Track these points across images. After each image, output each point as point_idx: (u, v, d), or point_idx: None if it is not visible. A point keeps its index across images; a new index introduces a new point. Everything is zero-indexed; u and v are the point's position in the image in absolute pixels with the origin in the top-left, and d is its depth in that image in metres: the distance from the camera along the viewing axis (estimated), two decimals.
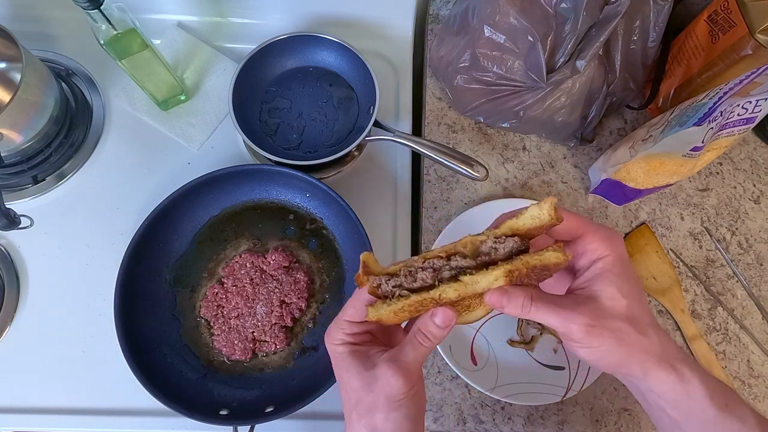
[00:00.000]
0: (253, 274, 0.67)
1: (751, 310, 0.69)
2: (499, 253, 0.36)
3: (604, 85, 0.67)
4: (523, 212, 0.37)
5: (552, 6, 0.61)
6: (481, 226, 0.71)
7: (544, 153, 0.74)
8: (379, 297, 0.38)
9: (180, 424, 0.63)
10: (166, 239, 0.67)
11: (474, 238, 0.37)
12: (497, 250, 0.36)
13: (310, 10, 0.78)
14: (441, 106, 0.76)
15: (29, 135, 0.68)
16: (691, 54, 0.66)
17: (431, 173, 0.73)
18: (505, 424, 0.64)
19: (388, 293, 0.37)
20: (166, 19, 0.79)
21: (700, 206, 0.72)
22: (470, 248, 0.37)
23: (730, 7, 0.59)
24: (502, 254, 0.36)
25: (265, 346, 0.65)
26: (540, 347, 0.65)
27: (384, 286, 0.37)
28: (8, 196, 0.71)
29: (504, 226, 0.37)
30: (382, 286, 0.37)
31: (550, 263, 0.35)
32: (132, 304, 0.62)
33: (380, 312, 0.36)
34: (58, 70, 0.76)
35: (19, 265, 0.69)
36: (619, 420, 0.64)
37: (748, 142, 0.75)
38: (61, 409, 0.65)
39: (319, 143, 0.72)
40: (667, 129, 0.56)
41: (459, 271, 0.36)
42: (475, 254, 0.37)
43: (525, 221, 0.37)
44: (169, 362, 0.63)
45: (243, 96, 0.70)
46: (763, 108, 0.51)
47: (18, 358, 0.67)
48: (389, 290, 0.37)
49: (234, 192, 0.70)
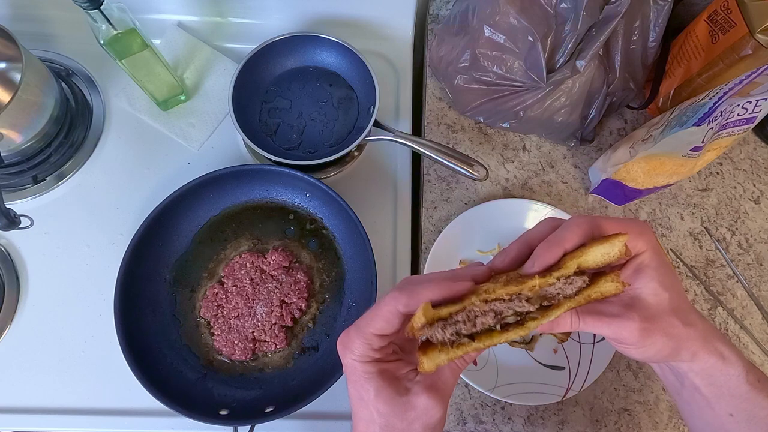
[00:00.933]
0: (253, 274, 0.67)
1: (751, 310, 0.69)
2: (565, 293, 0.35)
3: (604, 85, 0.67)
4: (591, 249, 0.35)
5: (552, 6, 0.61)
6: (482, 226, 0.71)
7: (544, 153, 0.74)
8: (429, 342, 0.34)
9: (180, 424, 0.63)
10: (166, 239, 0.67)
11: (542, 280, 0.34)
12: (564, 291, 0.35)
13: (310, 10, 0.78)
14: (441, 106, 0.76)
15: (29, 135, 0.68)
16: (691, 54, 0.66)
17: (431, 173, 0.73)
18: (505, 424, 0.64)
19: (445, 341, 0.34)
20: (166, 19, 0.79)
21: (700, 206, 0.72)
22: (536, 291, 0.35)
23: (730, 7, 0.59)
24: (567, 294, 0.35)
25: (265, 346, 0.65)
26: (540, 347, 0.65)
27: (439, 334, 0.33)
28: (8, 196, 0.71)
29: (570, 264, 0.35)
30: (436, 335, 0.34)
31: (609, 294, 0.35)
32: (132, 304, 0.62)
33: (438, 361, 0.34)
34: (58, 70, 0.76)
35: (19, 265, 0.69)
36: (619, 420, 0.64)
37: (748, 142, 0.75)
38: (61, 409, 0.65)
39: (319, 143, 0.72)
40: (667, 129, 0.56)
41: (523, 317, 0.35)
42: (539, 295, 0.35)
43: (595, 258, 0.35)
44: (169, 362, 0.63)
45: (243, 96, 0.70)
46: (763, 108, 0.51)
47: (18, 358, 0.67)
48: (446, 339, 0.34)
49: (234, 192, 0.70)
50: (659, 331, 0.36)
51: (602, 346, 0.64)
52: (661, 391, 0.65)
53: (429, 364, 0.34)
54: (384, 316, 0.35)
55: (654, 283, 0.37)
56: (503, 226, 0.68)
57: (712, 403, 0.39)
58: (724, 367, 0.38)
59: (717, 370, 0.38)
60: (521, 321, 0.35)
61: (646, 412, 0.64)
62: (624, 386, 0.65)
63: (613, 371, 0.66)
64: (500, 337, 0.34)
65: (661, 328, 0.37)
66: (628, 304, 0.37)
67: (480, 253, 0.68)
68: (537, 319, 0.34)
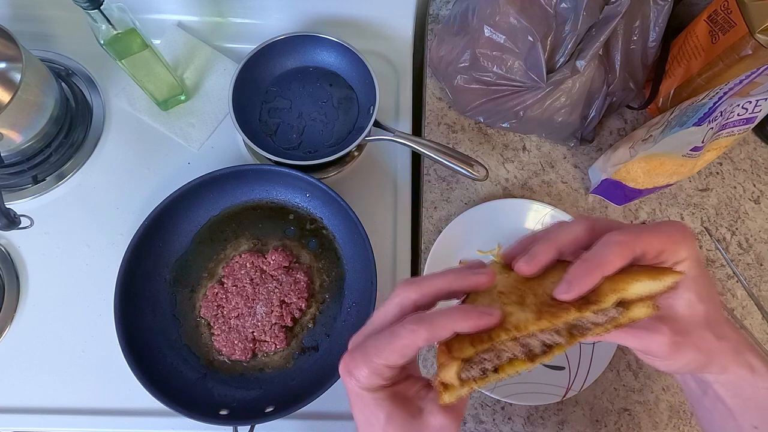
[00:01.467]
0: (253, 274, 0.67)
1: (751, 310, 0.69)
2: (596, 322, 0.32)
3: (604, 85, 0.67)
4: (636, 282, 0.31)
5: (552, 6, 0.61)
6: (482, 226, 0.71)
7: (544, 153, 0.74)
8: None
9: (180, 424, 0.63)
10: (166, 239, 0.67)
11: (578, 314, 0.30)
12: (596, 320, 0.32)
13: (310, 10, 0.78)
14: (441, 106, 0.76)
15: (29, 135, 0.68)
16: (691, 54, 0.66)
17: (431, 173, 0.73)
18: (505, 424, 0.64)
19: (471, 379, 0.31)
20: (166, 19, 0.79)
21: (700, 206, 0.72)
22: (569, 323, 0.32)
23: (730, 7, 0.59)
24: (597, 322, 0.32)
25: (265, 346, 0.65)
26: None
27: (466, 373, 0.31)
28: (8, 196, 0.71)
29: (609, 297, 0.31)
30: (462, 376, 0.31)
31: (638, 319, 0.32)
32: (132, 304, 0.62)
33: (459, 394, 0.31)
34: (58, 70, 0.76)
35: (19, 265, 0.69)
36: (619, 420, 0.64)
37: (748, 142, 0.75)
38: (61, 409, 0.65)
39: (319, 143, 0.72)
40: (667, 129, 0.56)
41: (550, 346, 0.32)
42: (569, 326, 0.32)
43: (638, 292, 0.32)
44: (169, 362, 0.63)
45: (243, 96, 0.70)
46: (763, 108, 0.51)
47: (18, 358, 0.67)
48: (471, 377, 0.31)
49: (234, 192, 0.70)
50: (690, 346, 0.34)
51: (602, 346, 0.64)
52: (661, 391, 0.65)
53: (450, 398, 0.31)
54: (400, 350, 0.31)
55: (690, 294, 0.34)
56: (503, 226, 0.68)
57: (735, 414, 0.38)
58: (753, 379, 0.36)
59: (745, 382, 0.37)
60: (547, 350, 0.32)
61: (646, 412, 0.64)
62: (624, 386, 0.65)
63: (613, 371, 0.66)
64: (524, 365, 0.31)
65: (692, 342, 0.34)
66: (658, 316, 0.34)
67: (480, 253, 0.68)
68: (562, 347, 0.32)
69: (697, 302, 0.34)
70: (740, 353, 0.36)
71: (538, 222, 0.69)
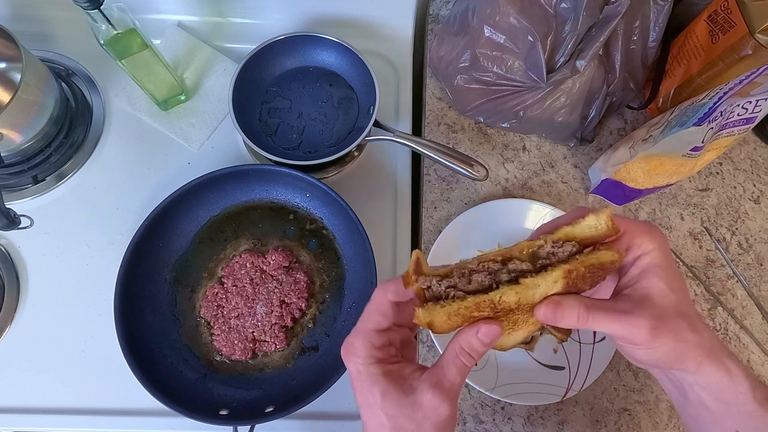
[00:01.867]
0: (253, 274, 0.67)
1: (751, 310, 0.69)
2: (557, 257, 0.35)
3: (604, 85, 0.67)
4: (580, 222, 0.36)
5: (552, 6, 0.61)
6: (482, 226, 0.71)
7: (544, 153, 0.74)
8: (427, 300, 0.35)
9: (180, 424, 0.63)
10: (166, 239, 0.67)
11: (530, 243, 0.36)
12: (555, 254, 0.35)
13: (310, 10, 0.78)
14: (441, 106, 0.76)
15: (29, 135, 0.68)
16: (691, 54, 0.66)
17: (431, 173, 0.73)
18: (505, 424, 0.64)
19: (441, 294, 0.34)
20: (166, 19, 0.79)
21: (700, 206, 0.72)
22: (527, 253, 0.36)
23: (730, 7, 0.59)
24: (559, 259, 0.35)
25: (265, 346, 0.65)
26: (540, 347, 0.65)
27: (435, 287, 0.34)
28: (8, 196, 0.71)
29: (560, 232, 0.36)
30: (433, 287, 0.35)
31: (606, 261, 0.35)
32: (132, 304, 0.62)
33: (433, 314, 0.34)
34: (58, 70, 0.76)
35: (19, 265, 0.69)
36: (619, 420, 0.64)
37: (748, 142, 0.75)
38: (61, 409, 0.65)
39: (319, 143, 0.72)
40: (667, 129, 0.56)
41: (517, 275, 0.35)
42: (531, 259, 0.36)
43: (582, 230, 0.36)
44: (169, 362, 0.63)
45: (243, 96, 0.70)
46: (763, 108, 0.51)
47: (18, 358, 0.67)
48: (442, 291, 0.34)
49: (234, 192, 0.70)
50: (668, 332, 0.35)
51: (602, 346, 0.64)
52: (661, 391, 0.65)
53: (424, 316, 0.34)
54: (377, 309, 0.37)
55: (662, 283, 0.36)
56: (503, 226, 0.68)
57: (718, 418, 0.39)
58: (731, 384, 0.37)
59: (724, 386, 0.37)
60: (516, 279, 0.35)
61: (646, 412, 0.64)
62: (624, 386, 0.65)
63: (613, 371, 0.66)
64: (497, 293, 0.34)
65: (670, 329, 0.35)
66: (637, 303, 0.36)
67: (480, 253, 0.68)
68: (532, 277, 0.34)
69: (668, 292, 0.36)
70: (715, 354, 0.37)
71: (538, 222, 0.69)
